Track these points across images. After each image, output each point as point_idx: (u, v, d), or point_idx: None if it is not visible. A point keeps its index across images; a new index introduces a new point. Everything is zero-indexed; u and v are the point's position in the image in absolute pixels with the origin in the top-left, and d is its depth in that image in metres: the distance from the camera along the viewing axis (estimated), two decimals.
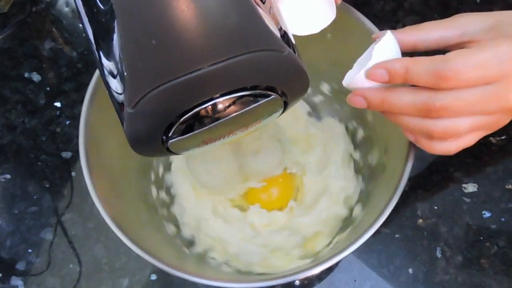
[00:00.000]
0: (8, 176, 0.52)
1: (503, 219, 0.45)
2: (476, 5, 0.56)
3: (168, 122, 0.24)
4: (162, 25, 0.21)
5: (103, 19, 0.23)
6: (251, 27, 0.22)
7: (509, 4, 0.54)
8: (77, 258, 0.47)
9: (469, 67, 0.27)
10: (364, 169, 0.46)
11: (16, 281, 0.47)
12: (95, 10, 0.24)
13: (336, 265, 0.45)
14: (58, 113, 0.55)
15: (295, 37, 0.28)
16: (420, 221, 0.46)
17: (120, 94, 0.23)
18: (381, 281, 0.44)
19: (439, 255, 0.44)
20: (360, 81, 0.31)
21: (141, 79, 0.22)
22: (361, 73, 0.30)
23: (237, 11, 0.22)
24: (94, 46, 0.25)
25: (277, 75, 0.25)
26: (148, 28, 0.21)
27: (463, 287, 0.43)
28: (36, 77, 0.57)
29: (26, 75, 0.58)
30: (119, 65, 0.22)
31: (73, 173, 0.52)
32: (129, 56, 0.21)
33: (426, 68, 0.28)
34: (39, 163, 0.53)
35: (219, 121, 0.25)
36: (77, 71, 0.57)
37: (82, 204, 0.50)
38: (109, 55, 0.23)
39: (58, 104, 0.55)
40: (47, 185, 0.51)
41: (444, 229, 0.45)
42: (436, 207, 0.46)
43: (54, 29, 0.61)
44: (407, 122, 0.31)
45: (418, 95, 0.29)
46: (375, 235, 0.32)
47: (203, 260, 0.45)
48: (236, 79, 0.23)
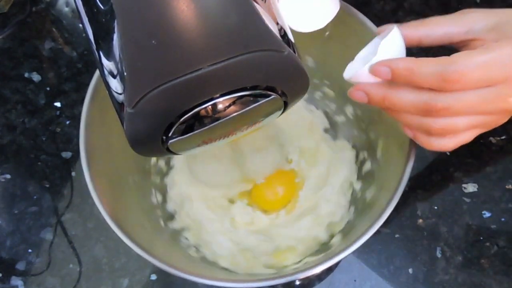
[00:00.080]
0: (8, 176, 0.52)
1: (503, 219, 0.45)
2: (476, 5, 0.56)
3: (168, 122, 0.24)
4: (162, 25, 0.21)
5: (103, 19, 0.23)
6: (251, 27, 0.22)
7: (509, 4, 0.54)
8: (77, 258, 0.47)
9: (473, 70, 0.27)
10: (360, 202, 0.44)
11: (16, 281, 0.47)
12: (95, 10, 0.24)
13: (336, 265, 0.45)
14: (58, 113, 0.55)
15: (296, 38, 0.28)
16: (420, 221, 0.46)
17: (120, 94, 0.23)
18: (381, 281, 0.44)
19: (439, 255, 0.44)
20: (363, 76, 0.30)
21: (141, 79, 0.22)
22: (365, 68, 0.30)
23: (237, 11, 0.22)
24: (94, 46, 0.25)
25: (277, 75, 0.25)
26: (148, 28, 0.21)
27: (463, 287, 0.43)
28: (36, 77, 0.57)
29: (26, 75, 0.58)
30: (119, 65, 0.22)
31: (73, 173, 0.52)
32: (129, 56, 0.21)
33: (431, 71, 0.27)
34: (39, 163, 0.53)
35: (219, 121, 0.25)
36: (77, 71, 0.57)
37: (82, 204, 0.50)
38: (109, 55, 0.23)
39: (58, 104, 0.55)
40: (47, 185, 0.51)
41: (444, 229, 0.45)
42: (436, 207, 0.46)
43: (54, 29, 0.61)
44: (406, 119, 0.31)
45: (419, 94, 0.29)
46: (375, 235, 0.32)
47: (176, 238, 0.45)
48: (236, 79, 0.23)
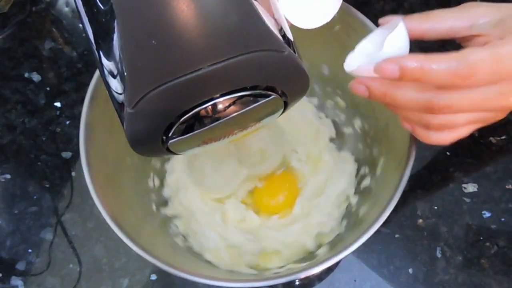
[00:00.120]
0: (8, 176, 0.52)
1: (503, 219, 0.45)
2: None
3: (168, 122, 0.24)
4: (162, 25, 0.21)
5: (103, 19, 0.23)
6: (251, 27, 0.22)
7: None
8: (77, 258, 0.47)
9: (484, 67, 0.26)
10: (353, 216, 0.43)
11: (16, 281, 0.47)
12: (95, 10, 0.24)
13: (336, 265, 0.45)
14: (58, 113, 0.55)
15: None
16: (420, 221, 0.46)
17: (120, 94, 0.23)
18: (381, 281, 0.44)
19: (439, 255, 0.44)
20: (366, 71, 0.30)
21: (141, 79, 0.22)
22: (369, 63, 0.29)
23: (237, 11, 0.22)
24: (94, 46, 0.25)
25: (277, 75, 0.24)
26: (148, 28, 0.21)
27: (463, 287, 0.43)
28: (36, 77, 0.57)
29: (26, 75, 0.57)
30: (119, 65, 0.22)
31: (73, 173, 0.52)
32: (129, 56, 0.21)
33: (443, 68, 0.27)
34: (39, 163, 0.53)
35: (219, 121, 0.25)
36: (77, 71, 0.57)
37: (82, 204, 0.50)
38: (109, 55, 0.23)
39: (58, 104, 0.55)
40: (47, 185, 0.51)
41: (444, 229, 0.45)
42: (436, 207, 0.46)
43: (54, 29, 0.61)
44: (406, 114, 0.30)
45: (422, 93, 0.28)
46: (375, 235, 0.32)
47: (166, 224, 0.45)
48: (236, 79, 0.23)
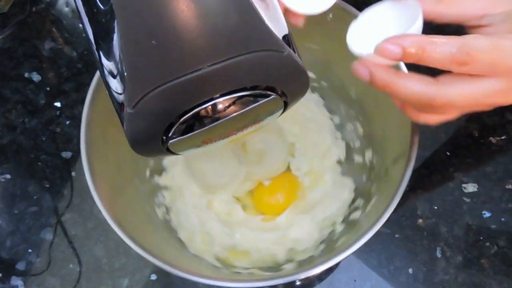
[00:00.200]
0: (8, 176, 0.52)
1: (503, 219, 0.45)
2: None
3: (168, 122, 0.24)
4: (162, 25, 0.21)
5: (103, 19, 0.23)
6: (251, 27, 0.22)
7: None
8: (77, 258, 0.47)
9: (484, 55, 0.26)
10: (332, 243, 0.43)
11: (16, 281, 0.47)
12: (95, 10, 0.24)
13: (336, 265, 0.45)
14: (58, 113, 0.55)
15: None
16: (420, 221, 0.46)
17: (120, 94, 0.23)
18: (381, 281, 0.44)
19: (439, 255, 0.44)
20: (370, 55, 0.28)
21: (141, 79, 0.22)
22: (375, 47, 0.27)
23: (237, 11, 0.22)
24: (94, 46, 0.25)
25: (277, 75, 0.25)
26: (148, 28, 0.21)
27: (463, 287, 0.43)
28: (36, 77, 0.57)
29: (26, 75, 0.57)
30: (119, 65, 0.22)
31: (73, 173, 0.52)
32: (129, 56, 0.21)
33: (443, 50, 0.26)
34: (39, 163, 0.53)
35: (219, 121, 0.25)
36: (77, 71, 0.57)
37: (82, 204, 0.50)
38: (109, 55, 0.23)
39: (58, 104, 0.55)
40: (47, 185, 0.51)
41: (444, 229, 0.45)
42: (436, 207, 0.46)
43: (54, 29, 0.61)
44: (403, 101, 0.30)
45: (424, 88, 0.28)
46: (375, 235, 0.32)
47: (154, 192, 0.46)
48: (236, 79, 0.23)
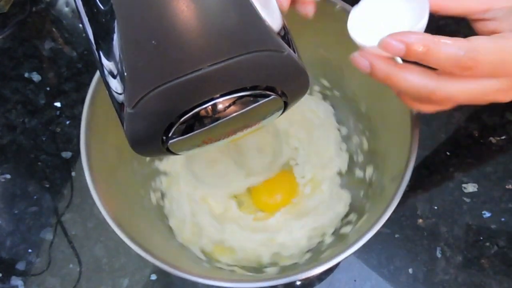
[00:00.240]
0: (8, 176, 0.52)
1: (503, 219, 0.45)
2: None
3: (168, 122, 0.24)
4: (162, 25, 0.21)
5: (103, 19, 0.23)
6: (251, 27, 0.22)
7: None
8: (77, 258, 0.47)
9: (489, 60, 0.26)
10: (318, 254, 0.43)
11: (16, 281, 0.47)
12: (95, 10, 0.24)
13: (336, 265, 0.45)
14: (58, 113, 0.55)
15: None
16: (420, 221, 0.46)
17: (120, 94, 0.23)
18: (381, 281, 0.44)
19: (439, 255, 0.44)
20: (373, 47, 0.27)
21: (141, 79, 0.22)
22: (379, 36, 0.27)
23: (237, 11, 0.22)
24: (94, 46, 0.25)
25: (277, 75, 0.24)
26: (148, 28, 0.21)
27: (463, 287, 0.43)
28: (36, 77, 0.57)
29: (26, 75, 0.58)
30: (119, 65, 0.22)
31: (73, 173, 0.52)
32: (129, 56, 0.21)
33: (448, 53, 0.26)
34: (39, 163, 0.53)
35: (219, 121, 0.25)
36: (77, 71, 0.57)
37: (82, 204, 0.50)
38: (109, 55, 0.23)
39: (58, 104, 0.55)
40: (47, 185, 0.51)
41: (444, 229, 0.45)
42: (436, 207, 0.46)
43: (54, 29, 0.61)
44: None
45: (424, 81, 0.27)
46: (375, 235, 0.32)
47: (152, 176, 0.47)
48: (236, 79, 0.23)
